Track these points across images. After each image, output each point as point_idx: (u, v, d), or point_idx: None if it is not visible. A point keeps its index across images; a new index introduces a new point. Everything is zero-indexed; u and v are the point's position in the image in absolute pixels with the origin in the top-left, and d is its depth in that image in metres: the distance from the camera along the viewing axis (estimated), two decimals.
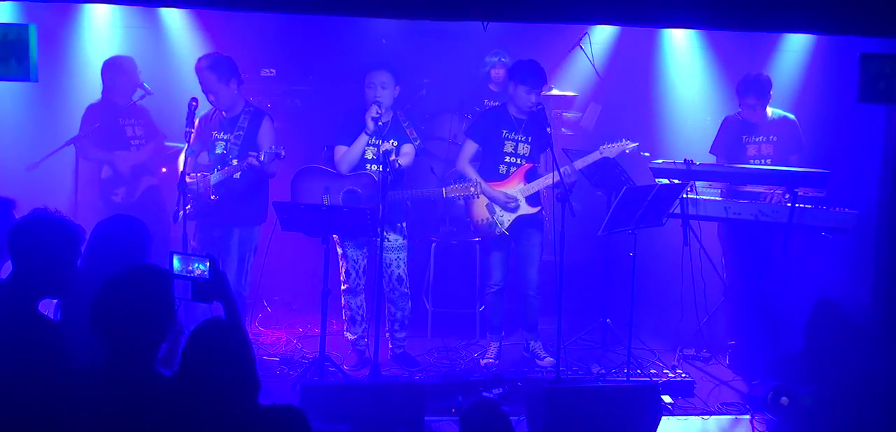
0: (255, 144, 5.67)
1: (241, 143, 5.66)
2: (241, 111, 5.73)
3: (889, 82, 4.12)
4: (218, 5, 5.05)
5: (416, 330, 6.57)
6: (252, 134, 5.70)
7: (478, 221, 5.99)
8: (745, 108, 6.19)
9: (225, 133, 5.71)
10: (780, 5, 4.26)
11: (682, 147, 6.70)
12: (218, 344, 2.78)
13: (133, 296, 2.82)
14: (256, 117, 5.76)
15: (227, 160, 5.63)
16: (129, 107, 6.40)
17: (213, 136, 5.73)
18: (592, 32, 7.36)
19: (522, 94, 5.79)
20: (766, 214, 5.85)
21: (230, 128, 5.71)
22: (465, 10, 4.40)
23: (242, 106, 5.76)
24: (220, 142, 5.70)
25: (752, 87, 6.14)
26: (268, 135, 5.72)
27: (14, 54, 3.86)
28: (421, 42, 7.42)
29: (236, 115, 5.72)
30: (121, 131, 6.33)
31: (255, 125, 5.73)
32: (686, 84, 7.59)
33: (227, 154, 5.66)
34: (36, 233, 3.23)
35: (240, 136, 5.67)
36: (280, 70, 7.48)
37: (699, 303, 6.23)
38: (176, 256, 3.34)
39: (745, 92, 6.15)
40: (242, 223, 5.77)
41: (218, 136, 5.73)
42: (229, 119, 5.73)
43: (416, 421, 4.65)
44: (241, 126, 5.69)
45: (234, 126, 5.70)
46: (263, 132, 5.72)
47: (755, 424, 5.06)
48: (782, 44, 7.09)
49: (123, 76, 6.35)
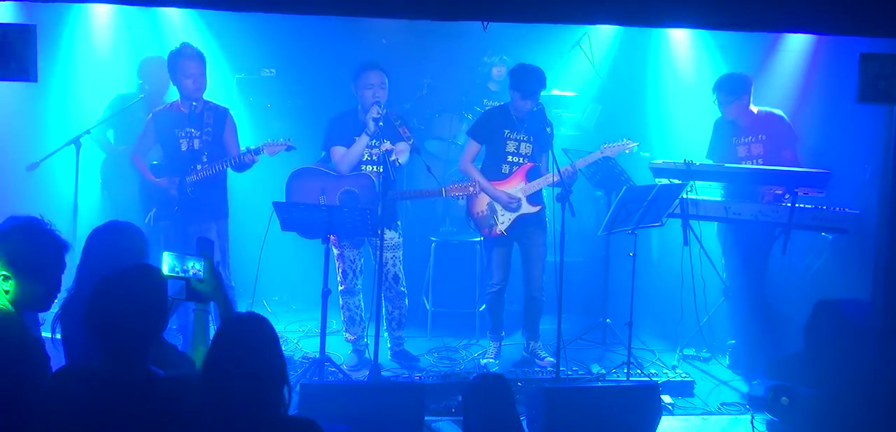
0: (221, 141, 5.70)
1: (211, 140, 5.66)
2: (203, 108, 5.71)
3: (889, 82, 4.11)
4: (218, 5, 5.04)
5: (416, 330, 6.58)
6: (219, 131, 5.71)
7: (477, 216, 5.99)
8: (722, 108, 6.16)
9: (192, 129, 5.66)
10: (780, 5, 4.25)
11: (682, 147, 6.70)
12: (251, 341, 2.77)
13: (126, 296, 2.81)
14: (220, 115, 5.77)
15: (198, 156, 5.62)
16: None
17: (176, 134, 5.69)
18: (592, 32, 7.36)
19: (517, 99, 5.82)
20: (766, 214, 5.84)
21: (197, 125, 5.66)
22: (465, 10, 4.39)
23: (203, 103, 5.74)
24: (184, 140, 5.67)
25: (720, 86, 6.08)
26: (233, 133, 5.78)
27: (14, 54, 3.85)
28: (421, 42, 7.42)
29: (200, 112, 5.68)
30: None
31: (220, 123, 5.74)
32: (686, 84, 7.59)
33: (199, 150, 5.64)
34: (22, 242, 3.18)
35: (209, 132, 5.66)
36: (280, 70, 7.48)
37: (699, 303, 6.23)
38: (170, 255, 3.31)
39: (716, 91, 6.08)
40: (217, 217, 5.77)
41: (180, 133, 5.69)
42: (192, 116, 5.67)
43: (416, 421, 4.65)
44: (207, 122, 5.68)
45: (201, 123, 5.67)
46: (229, 130, 5.77)
47: (755, 424, 5.06)
48: (782, 44, 7.09)
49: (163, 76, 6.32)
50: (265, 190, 5.98)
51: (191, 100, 5.65)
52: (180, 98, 5.72)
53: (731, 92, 6.05)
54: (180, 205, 5.55)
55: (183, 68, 5.62)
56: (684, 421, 5.37)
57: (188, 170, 5.59)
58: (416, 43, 7.41)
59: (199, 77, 5.65)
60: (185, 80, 5.63)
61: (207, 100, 5.79)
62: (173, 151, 5.69)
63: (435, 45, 7.48)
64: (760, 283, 6.10)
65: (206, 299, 3.35)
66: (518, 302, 6.37)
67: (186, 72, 5.62)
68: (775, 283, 6.17)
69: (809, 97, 6.86)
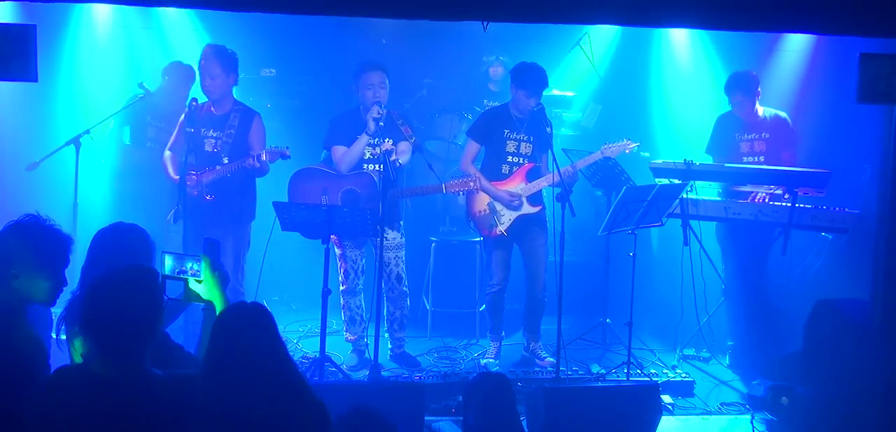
0: (245, 143, 5.67)
1: (232, 141, 5.64)
2: (231, 109, 5.71)
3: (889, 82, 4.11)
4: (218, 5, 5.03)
5: (416, 330, 6.58)
6: (243, 133, 5.69)
7: (477, 216, 5.99)
8: (734, 105, 6.20)
9: (215, 130, 5.68)
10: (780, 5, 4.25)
11: (681, 147, 6.71)
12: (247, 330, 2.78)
13: (120, 295, 2.81)
14: (247, 116, 5.75)
15: (219, 158, 5.62)
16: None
17: (202, 133, 5.70)
18: (592, 32, 7.37)
19: (522, 97, 5.81)
20: (766, 214, 5.85)
21: (220, 126, 5.67)
22: (465, 10, 4.39)
23: (231, 104, 5.74)
24: (210, 140, 5.68)
25: (738, 83, 6.14)
26: (259, 134, 5.73)
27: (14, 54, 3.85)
28: (421, 42, 7.42)
29: (226, 113, 5.69)
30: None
31: (246, 124, 5.71)
32: (686, 84, 7.59)
33: (218, 152, 5.64)
34: (24, 239, 3.19)
35: (231, 134, 5.65)
36: (280, 70, 7.48)
37: (699, 303, 6.23)
38: (168, 256, 3.31)
39: (732, 89, 6.15)
40: (236, 221, 5.75)
41: (206, 134, 5.70)
42: (218, 116, 5.69)
43: (416, 421, 4.65)
44: (231, 124, 5.67)
45: (225, 124, 5.67)
46: (255, 132, 5.72)
47: (755, 424, 5.07)
48: (782, 44, 7.10)
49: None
50: (266, 190, 5.97)
51: (212, 100, 5.66)
52: (207, 98, 5.74)
53: (750, 90, 6.12)
54: (199, 206, 5.56)
55: (204, 69, 5.64)
56: (684, 421, 5.37)
57: (204, 171, 5.60)
58: (416, 43, 7.41)
59: (219, 77, 5.62)
60: (206, 80, 5.65)
61: (238, 101, 5.80)
62: (198, 151, 5.69)
63: (435, 45, 7.47)
64: (760, 283, 6.11)
65: (204, 300, 3.34)
66: (518, 302, 6.37)
67: (207, 72, 5.63)
68: (775, 283, 6.17)
69: (809, 97, 6.86)
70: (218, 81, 5.64)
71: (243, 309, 2.94)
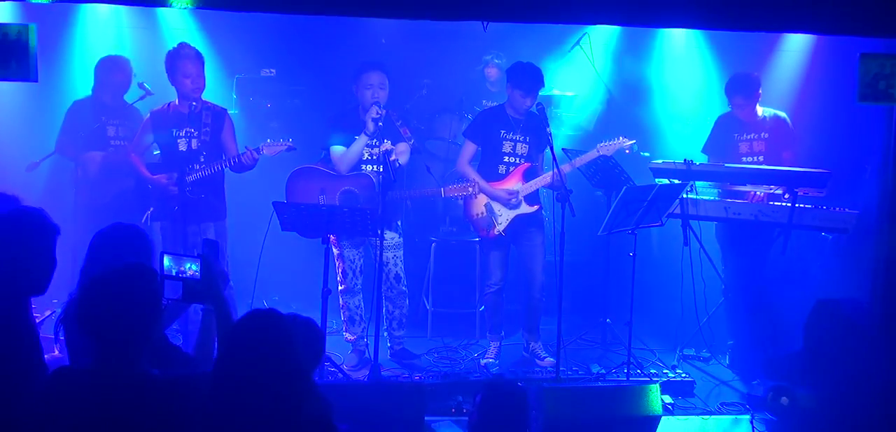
0: (219, 141, 5.69)
1: (210, 140, 5.65)
2: (201, 107, 5.69)
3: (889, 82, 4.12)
4: (218, 5, 5.04)
5: (416, 330, 6.57)
6: (217, 131, 5.71)
7: (475, 217, 5.99)
8: (734, 107, 6.22)
9: (191, 129, 5.63)
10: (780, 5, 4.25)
11: (681, 147, 6.70)
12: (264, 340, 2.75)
13: (116, 295, 2.80)
14: (218, 115, 5.77)
15: (197, 156, 5.60)
16: (117, 106, 6.36)
17: (174, 134, 5.68)
18: (592, 32, 7.36)
19: (518, 97, 5.82)
20: (766, 214, 5.85)
21: (193, 124, 5.63)
22: (465, 10, 4.39)
23: (202, 103, 5.72)
24: (183, 140, 5.66)
25: (739, 86, 6.16)
26: (231, 133, 5.78)
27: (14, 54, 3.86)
28: (421, 42, 7.42)
29: (198, 112, 5.66)
30: (102, 131, 6.29)
31: (219, 123, 5.74)
32: (685, 84, 7.59)
33: (196, 150, 5.61)
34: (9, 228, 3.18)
35: (208, 132, 5.65)
36: (280, 70, 7.48)
37: (699, 303, 6.23)
38: (167, 256, 3.30)
39: (733, 91, 6.17)
40: (216, 217, 5.76)
41: (178, 134, 5.68)
42: (190, 115, 5.64)
43: (416, 421, 4.65)
44: (205, 122, 5.66)
45: (199, 122, 5.64)
46: (227, 131, 5.77)
47: (755, 424, 5.06)
48: (782, 44, 7.10)
49: (116, 75, 6.34)
50: (265, 190, 5.97)
51: (190, 99, 5.63)
52: (178, 98, 5.71)
53: (750, 92, 6.14)
54: (180, 204, 5.55)
55: (181, 68, 5.62)
56: (684, 421, 5.36)
57: (187, 170, 5.58)
58: (416, 43, 7.41)
59: (198, 77, 5.64)
60: (184, 80, 5.62)
61: (205, 100, 5.78)
62: (171, 151, 5.68)
63: (435, 45, 7.47)
64: (760, 283, 6.10)
65: (202, 300, 3.33)
66: (518, 302, 6.37)
67: (184, 71, 5.61)
68: (775, 283, 6.17)
69: (809, 97, 6.87)
70: (201, 81, 5.67)
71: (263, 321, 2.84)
